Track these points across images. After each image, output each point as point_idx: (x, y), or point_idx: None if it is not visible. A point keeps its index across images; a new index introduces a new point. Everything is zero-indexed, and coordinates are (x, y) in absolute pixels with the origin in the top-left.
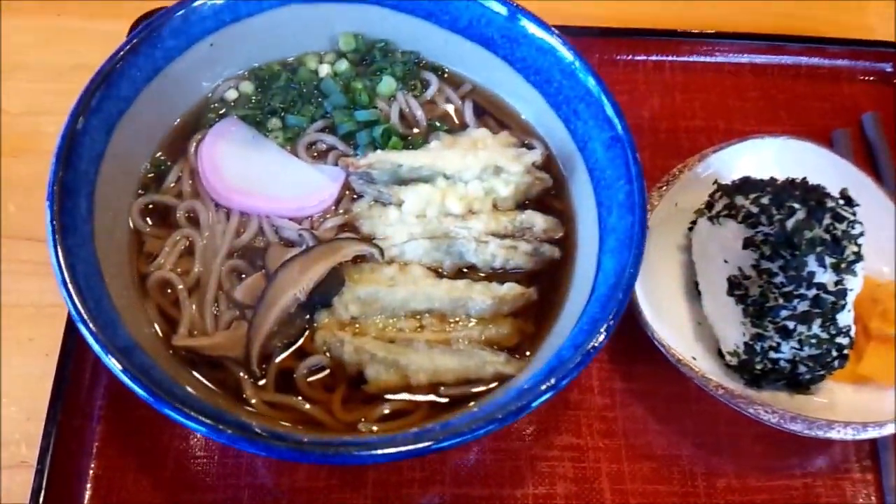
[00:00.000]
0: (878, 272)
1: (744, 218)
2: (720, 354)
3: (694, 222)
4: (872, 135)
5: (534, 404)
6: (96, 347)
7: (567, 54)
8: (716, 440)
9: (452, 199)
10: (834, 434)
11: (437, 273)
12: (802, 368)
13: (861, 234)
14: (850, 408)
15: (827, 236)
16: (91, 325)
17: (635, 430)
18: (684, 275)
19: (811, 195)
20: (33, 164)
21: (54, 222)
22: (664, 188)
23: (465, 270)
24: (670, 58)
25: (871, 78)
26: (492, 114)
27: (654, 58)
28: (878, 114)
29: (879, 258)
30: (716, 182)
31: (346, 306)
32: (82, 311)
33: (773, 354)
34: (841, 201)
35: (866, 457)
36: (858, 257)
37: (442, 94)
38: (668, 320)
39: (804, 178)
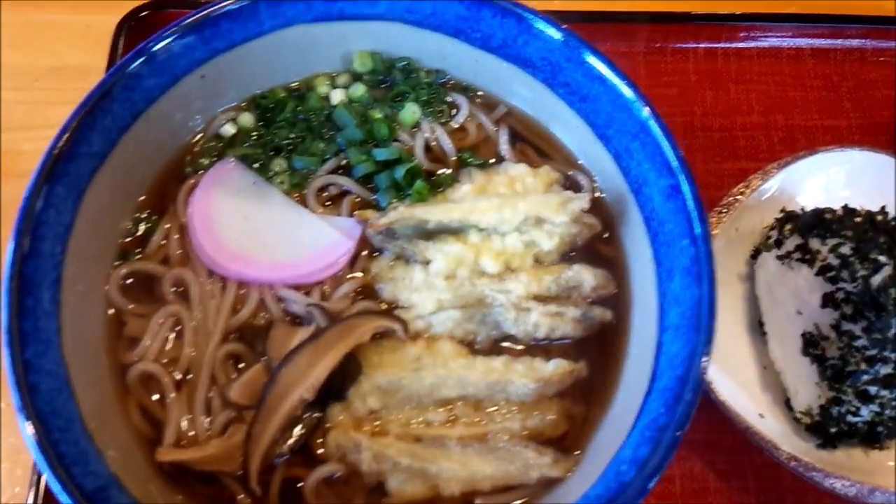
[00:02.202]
0: None
1: (821, 270)
2: (789, 406)
3: (757, 249)
4: None
5: None
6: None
7: (621, 85)
8: (780, 499)
9: (487, 257)
10: None
11: (470, 347)
12: (881, 428)
13: None
14: None
15: None
16: (58, 469)
17: (693, 488)
18: (748, 310)
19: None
20: (7, 189)
21: (11, 332)
22: (724, 213)
23: (502, 343)
24: (723, 44)
25: None
26: (531, 141)
27: (704, 45)
28: None
29: None
30: (783, 211)
31: (364, 398)
32: (48, 454)
33: (850, 418)
34: None
35: None
36: None
37: (473, 120)
38: (730, 365)
39: (887, 216)
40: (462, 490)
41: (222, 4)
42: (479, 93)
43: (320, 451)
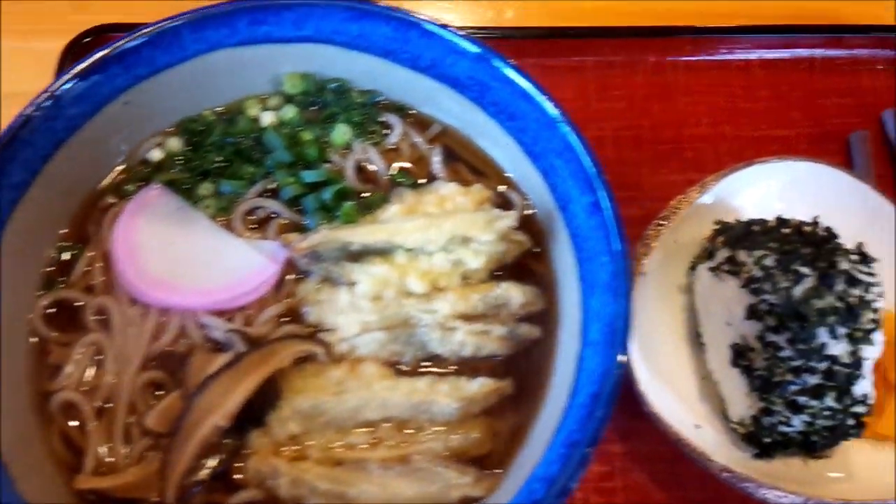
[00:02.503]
0: None
1: (746, 282)
2: (727, 416)
3: (695, 261)
4: (893, 134)
5: None
6: None
7: (543, 101)
8: None
9: (413, 277)
10: None
11: (396, 368)
12: (816, 438)
13: (880, 296)
14: (869, 474)
15: (840, 304)
16: None
17: (636, 500)
18: (688, 320)
19: (822, 256)
20: None
21: None
22: (663, 225)
23: (429, 363)
24: (672, 57)
25: (893, 65)
26: (465, 160)
27: (653, 58)
28: None
29: None
30: (717, 222)
31: (284, 424)
32: None
33: (782, 428)
34: (855, 257)
35: None
36: (876, 325)
37: (407, 140)
38: (668, 378)
39: (814, 225)
40: None
41: (144, 31)
42: (413, 112)
43: (239, 477)
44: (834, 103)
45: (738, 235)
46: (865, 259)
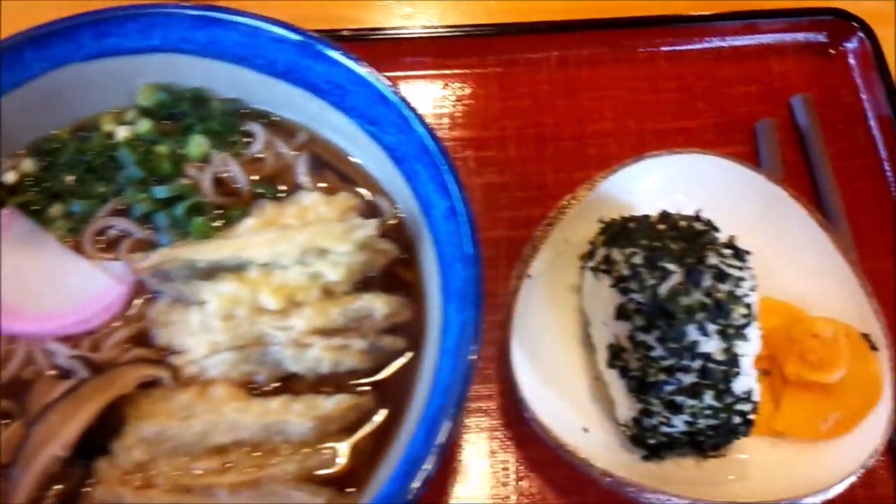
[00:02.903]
0: (800, 298)
1: (616, 281)
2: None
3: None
4: (803, 121)
5: None
6: None
7: (400, 105)
8: None
9: (266, 293)
10: None
11: (250, 388)
12: (702, 438)
13: (753, 290)
14: (765, 472)
15: (708, 300)
16: None
17: None
18: (580, 321)
19: (691, 248)
20: None
21: None
22: (551, 225)
23: (289, 381)
24: (575, 52)
25: (802, 52)
26: (334, 167)
27: (557, 53)
28: (810, 96)
29: (800, 281)
30: (600, 220)
31: (129, 451)
32: None
33: (664, 429)
34: (726, 251)
35: None
36: (749, 319)
37: (271, 149)
38: (559, 382)
39: (695, 219)
40: None
41: None
42: (277, 120)
43: None
44: (741, 91)
45: (615, 233)
46: (737, 253)
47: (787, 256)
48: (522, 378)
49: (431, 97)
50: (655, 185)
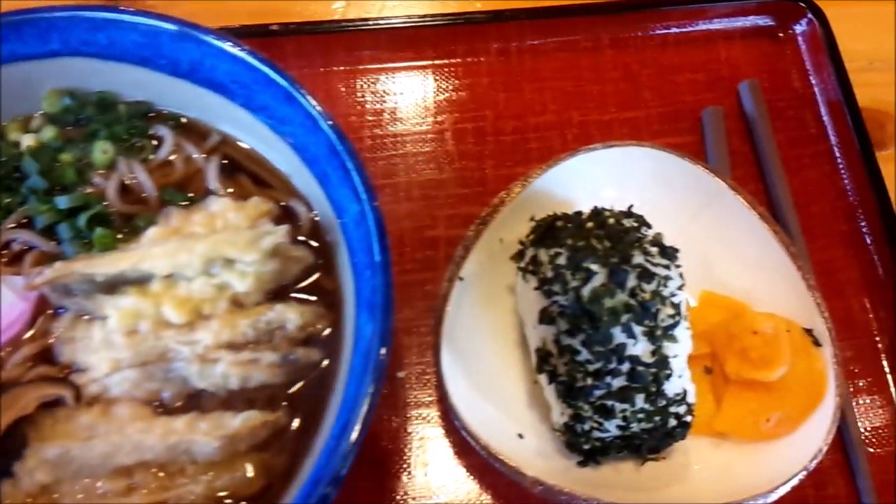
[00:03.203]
0: (741, 292)
1: (540, 284)
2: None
3: None
4: (750, 108)
5: None
6: None
7: (306, 104)
8: None
9: (170, 306)
10: None
11: (157, 407)
12: (639, 442)
13: (680, 288)
14: (706, 474)
15: (633, 301)
16: None
17: None
18: (517, 323)
19: (617, 247)
20: None
21: None
22: (483, 224)
23: (199, 398)
24: (515, 42)
25: (750, 36)
26: (249, 171)
27: (496, 45)
28: (756, 81)
29: (742, 274)
30: (532, 219)
31: (32, 474)
32: None
33: (598, 434)
34: (654, 250)
35: None
36: (677, 319)
37: (180, 153)
38: (495, 388)
39: (628, 215)
40: None
41: None
42: (187, 122)
43: None
44: (688, 79)
45: (543, 233)
46: (664, 251)
47: (728, 250)
48: (452, 386)
49: (368, 92)
50: (592, 179)
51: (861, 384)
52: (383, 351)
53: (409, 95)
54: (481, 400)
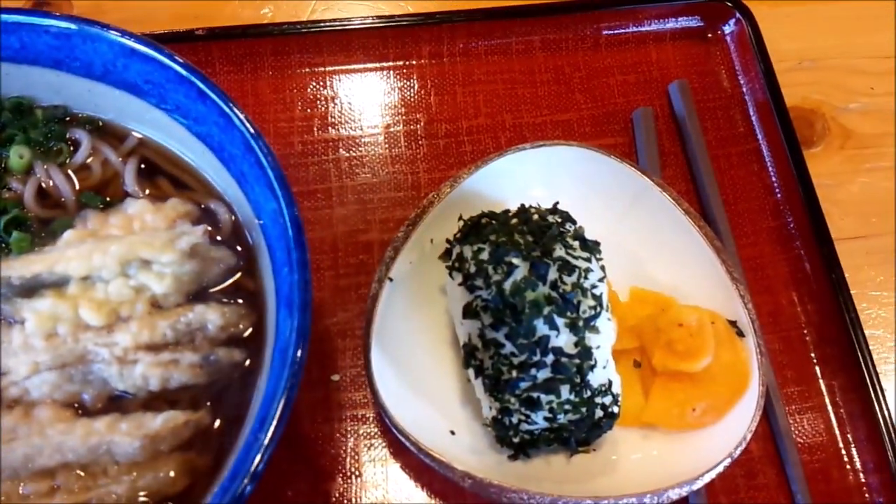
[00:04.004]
0: (669, 286)
1: (464, 280)
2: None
3: None
4: (679, 108)
5: None
6: None
7: (217, 99)
8: None
9: (87, 308)
10: None
11: (78, 409)
12: (567, 434)
13: (601, 280)
14: (635, 464)
15: (554, 294)
16: None
17: None
18: (449, 322)
19: (539, 241)
20: None
21: None
22: (412, 225)
23: (120, 400)
24: (447, 46)
25: (680, 38)
26: (168, 173)
27: (428, 47)
28: (686, 82)
29: (669, 269)
30: (460, 217)
31: None
32: None
33: (525, 426)
34: (575, 244)
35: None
36: (598, 310)
37: (97, 156)
38: (427, 387)
39: (553, 212)
40: None
41: None
42: (103, 125)
43: None
44: (619, 81)
45: (468, 230)
46: (585, 244)
47: (655, 246)
48: (382, 386)
49: (297, 98)
50: (521, 179)
51: (789, 375)
52: (300, 348)
53: (340, 100)
54: (413, 398)
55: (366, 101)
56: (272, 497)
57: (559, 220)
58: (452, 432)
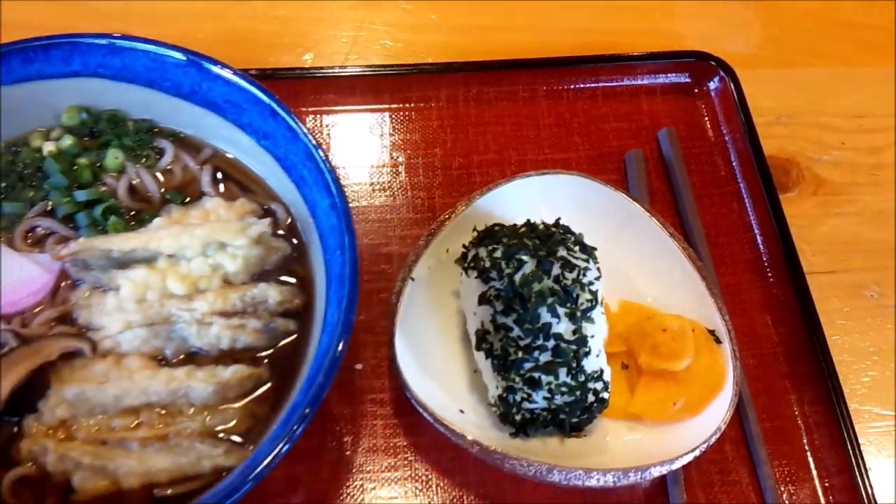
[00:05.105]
0: (654, 301)
1: (479, 273)
2: (491, 406)
3: None
4: (667, 152)
5: None
6: None
7: (287, 119)
8: (500, 489)
9: (174, 280)
10: (594, 482)
11: (159, 361)
12: (563, 416)
13: (597, 279)
14: (621, 449)
15: (557, 286)
16: None
17: (418, 487)
18: (460, 322)
19: (545, 244)
20: None
21: None
22: (431, 237)
23: (193, 355)
24: (462, 91)
25: (669, 91)
26: (235, 179)
27: (445, 92)
28: (673, 129)
29: (656, 286)
30: (474, 228)
31: (53, 410)
32: None
33: (527, 405)
34: (576, 248)
35: (657, 492)
36: (593, 304)
37: (178, 162)
38: (440, 373)
39: (551, 221)
40: (141, 483)
41: None
42: (183, 137)
43: (16, 456)
44: (614, 127)
45: (483, 235)
46: (584, 248)
47: (643, 265)
48: (405, 366)
49: (332, 130)
50: (526, 200)
51: (761, 387)
52: (352, 311)
53: (369, 134)
54: (429, 381)
55: (390, 135)
56: (304, 463)
57: (561, 231)
58: (462, 411)
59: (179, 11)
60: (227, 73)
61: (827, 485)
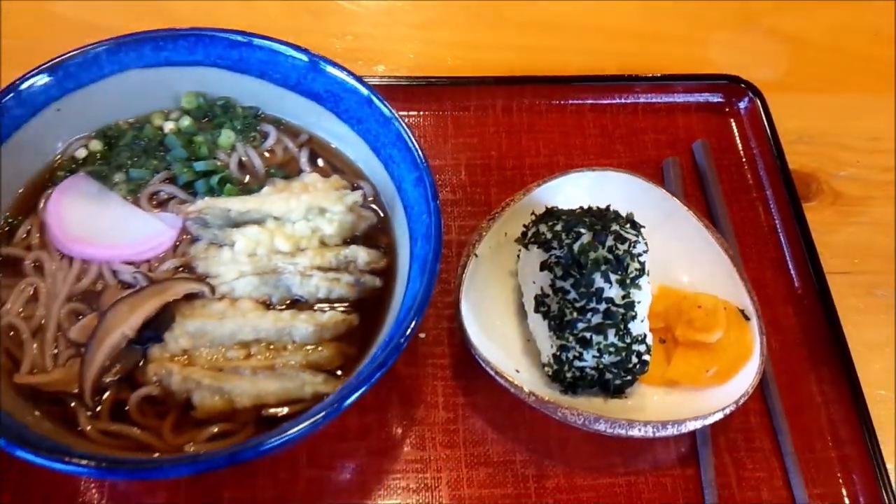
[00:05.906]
0: (689, 285)
1: (541, 244)
2: (544, 366)
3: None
4: (701, 161)
5: (320, 415)
6: None
7: (381, 106)
8: (546, 445)
9: (280, 239)
10: (636, 432)
11: (266, 306)
12: (608, 375)
13: (644, 252)
14: (659, 409)
15: (610, 256)
16: None
17: (474, 440)
18: (515, 297)
19: (600, 221)
20: None
21: None
22: (492, 220)
23: (293, 301)
24: (517, 101)
25: (703, 109)
26: (327, 159)
27: (501, 102)
28: (707, 142)
29: (691, 272)
30: (532, 213)
31: (177, 340)
32: None
33: (577, 363)
34: (627, 225)
35: (687, 454)
36: (641, 273)
37: (280, 144)
38: (498, 339)
39: (602, 207)
40: (252, 403)
41: (72, 53)
42: (285, 123)
43: (142, 378)
44: (652, 138)
45: (543, 215)
46: (633, 224)
47: (681, 253)
48: (472, 332)
49: None
50: (578, 192)
51: (784, 368)
52: (436, 262)
53: (431, 138)
54: (489, 342)
55: (450, 139)
56: (374, 413)
57: (612, 213)
58: (517, 370)
59: (250, 22)
60: (331, 69)
61: (843, 453)
